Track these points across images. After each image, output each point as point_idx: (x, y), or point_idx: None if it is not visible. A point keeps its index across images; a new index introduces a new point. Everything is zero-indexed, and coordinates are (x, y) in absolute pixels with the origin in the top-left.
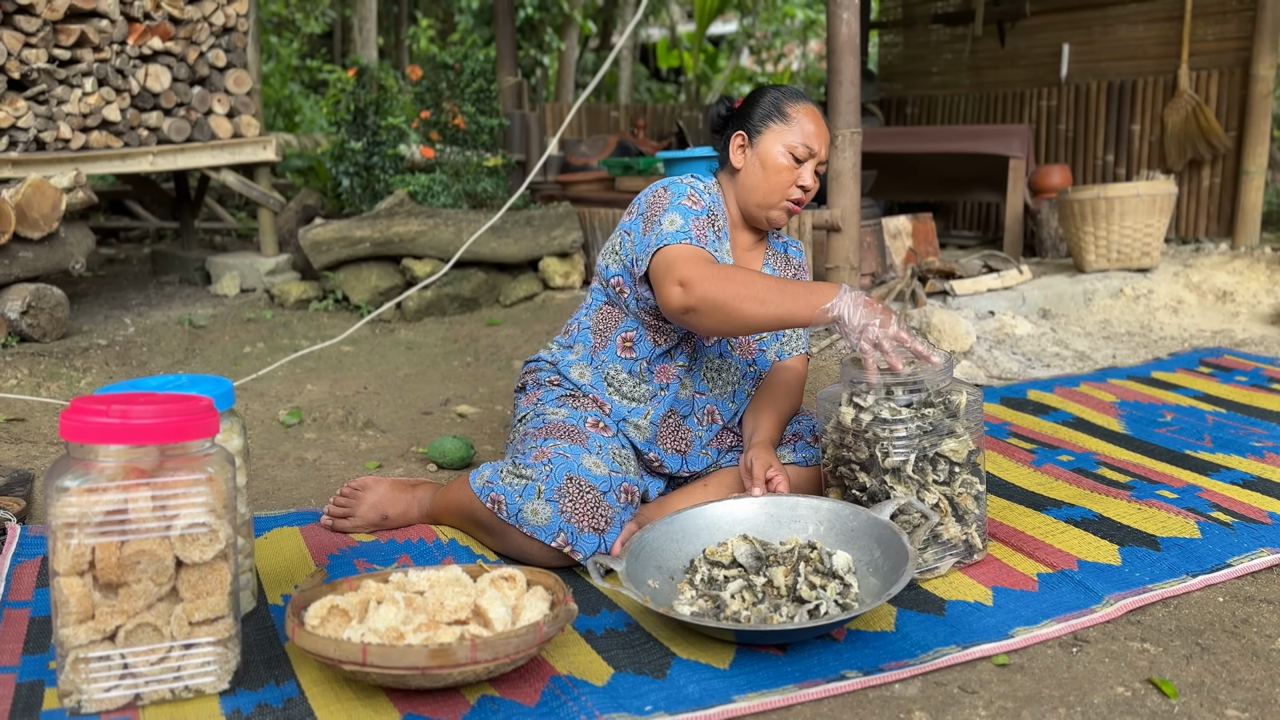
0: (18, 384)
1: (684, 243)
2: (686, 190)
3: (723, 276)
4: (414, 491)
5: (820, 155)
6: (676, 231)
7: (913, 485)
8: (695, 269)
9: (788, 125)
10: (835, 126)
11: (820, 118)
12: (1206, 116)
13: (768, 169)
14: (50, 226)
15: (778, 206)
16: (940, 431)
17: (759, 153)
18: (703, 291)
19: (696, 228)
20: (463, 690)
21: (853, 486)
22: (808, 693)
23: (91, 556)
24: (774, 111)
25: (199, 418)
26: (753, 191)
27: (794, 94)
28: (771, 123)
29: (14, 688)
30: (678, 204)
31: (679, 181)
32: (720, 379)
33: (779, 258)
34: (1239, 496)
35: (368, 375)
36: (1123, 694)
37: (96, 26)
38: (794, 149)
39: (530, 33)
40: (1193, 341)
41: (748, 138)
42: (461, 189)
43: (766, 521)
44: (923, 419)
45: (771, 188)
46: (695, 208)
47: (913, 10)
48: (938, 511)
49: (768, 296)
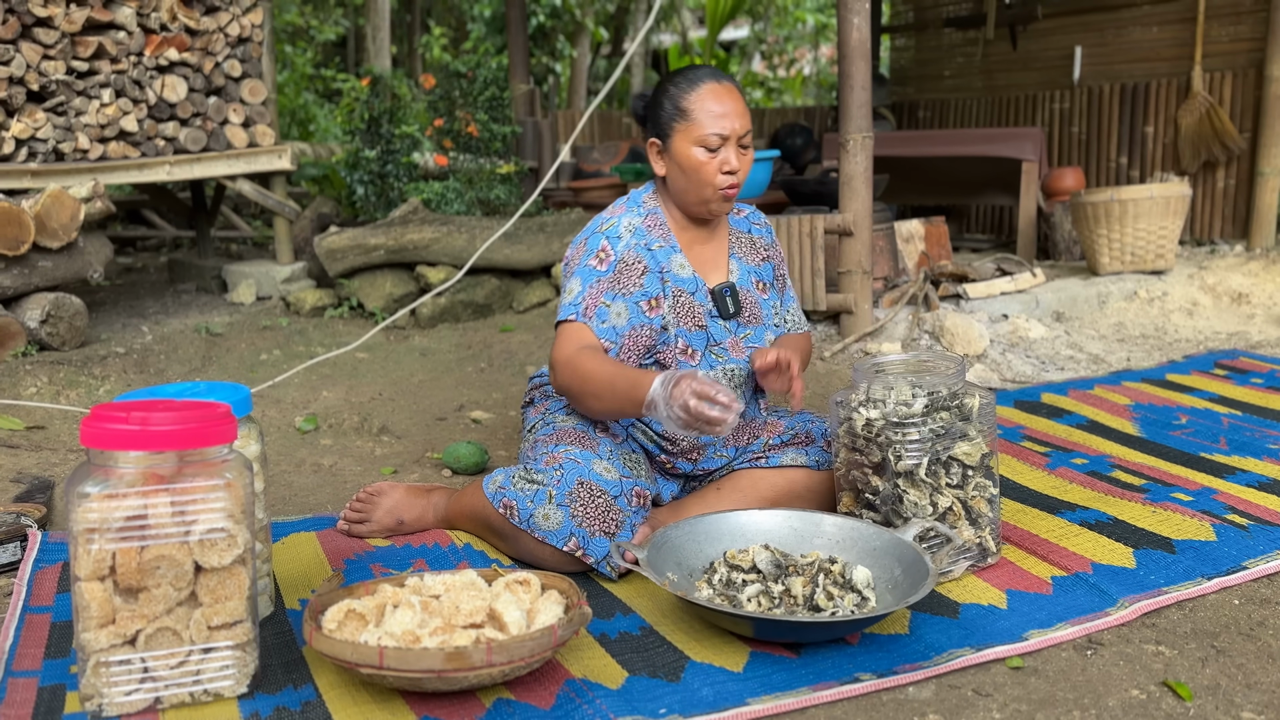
0: (37, 392)
1: (570, 320)
2: (600, 243)
3: (571, 371)
4: (429, 497)
5: (737, 132)
6: (569, 304)
7: (926, 489)
8: (561, 353)
9: (691, 121)
10: (847, 131)
11: (725, 92)
12: (1221, 118)
13: (687, 170)
14: (69, 236)
15: (712, 200)
16: (953, 435)
17: (674, 156)
18: (559, 380)
19: (590, 296)
20: (478, 693)
21: (865, 490)
22: (822, 695)
23: (112, 561)
24: (674, 112)
25: (217, 424)
26: (683, 193)
27: (690, 80)
28: (675, 124)
29: (36, 692)
30: (585, 265)
31: (598, 231)
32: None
33: (744, 241)
34: (1255, 499)
35: (382, 381)
36: (1138, 697)
37: (114, 38)
38: (705, 141)
39: (542, 40)
40: (1208, 344)
41: (661, 143)
42: (475, 196)
43: (790, 534)
44: (936, 422)
45: (699, 185)
46: (600, 267)
47: (924, 14)
48: (951, 514)
49: (602, 393)
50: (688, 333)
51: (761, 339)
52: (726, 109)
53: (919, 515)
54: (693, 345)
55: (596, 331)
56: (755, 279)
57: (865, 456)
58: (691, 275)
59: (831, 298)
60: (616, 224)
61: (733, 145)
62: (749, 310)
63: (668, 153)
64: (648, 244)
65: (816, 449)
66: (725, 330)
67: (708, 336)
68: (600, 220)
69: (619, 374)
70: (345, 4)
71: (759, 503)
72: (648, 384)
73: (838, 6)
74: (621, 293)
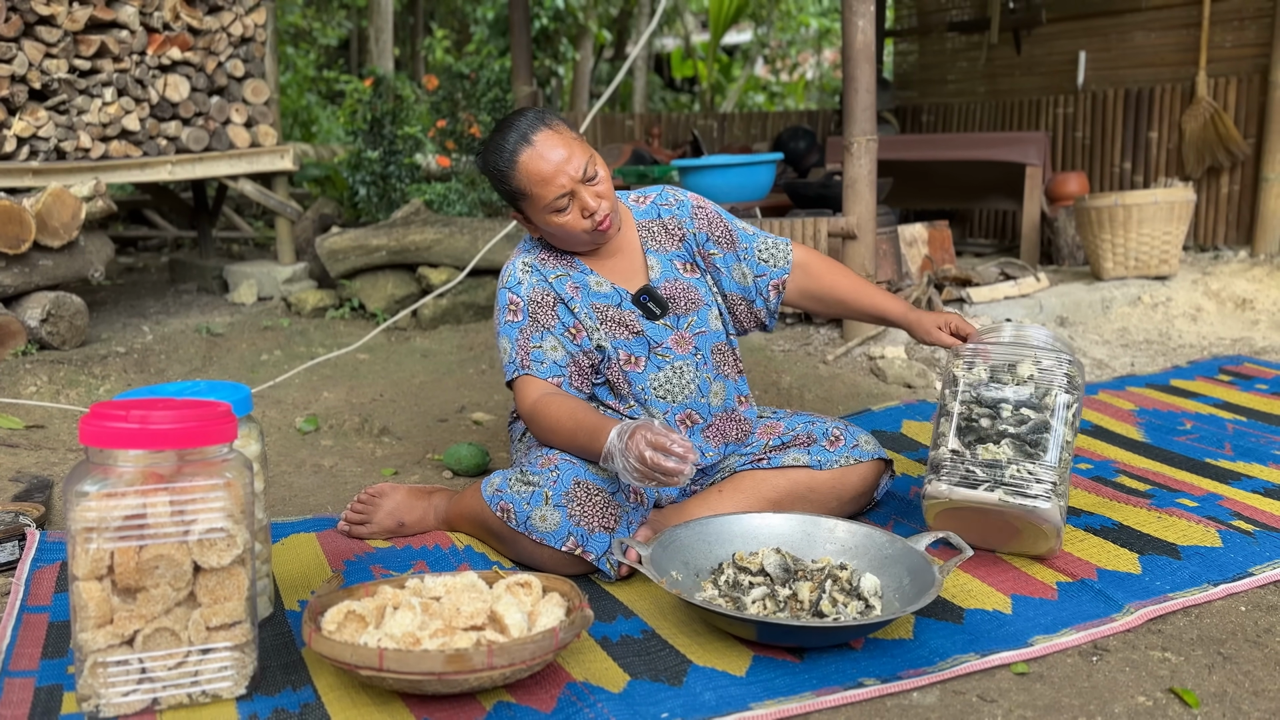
0: (37, 391)
1: (517, 377)
2: (507, 298)
3: (537, 428)
4: (430, 498)
5: (575, 178)
6: (507, 364)
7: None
8: (524, 409)
9: (530, 197)
10: (851, 134)
11: (544, 144)
12: (1225, 123)
13: (552, 228)
14: (70, 235)
15: (590, 241)
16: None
17: (538, 225)
18: (533, 432)
19: (520, 348)
20: (479, 696)
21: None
22: (825, 700)
23: (110, 561)
24: (512, 193)
25: (217, 423)
26: (563, 243)
27: (508, 155)
28: (520, 202)
29: (33, 692)
30: (504, 322)
31: (502, 287)
32: (675, 386)
33: (655, 229)
34: (1261, 505)
35: (384, 383)
36: (1144, 703)
37: (116, 37)
38: (554, 206)
39: (545, 43)
40: (1212, 349)
41: (519, 213)
42: (477, 197)
43: (802, 539)
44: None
45: (570, 235)
46: (516, 318)
47: (928, 18)
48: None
49: (568, 446)
50: (626, 342)
51: (705, 321)
52: (554, 164)
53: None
54: (634, 353)
55: (540, 374)
56: (680, 263)
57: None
58: (612, 288)
59: None
60: (513, 272)
61: (581, 189)
62: (681, 300)
63: (530, 221)
64: (544, 276)
65: (819, 448)
66: (664, 328)
67: (647, 341)
68: (503, 274)
69: (579, 427)
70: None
71: (761, 503)
72: (605, 435)
73: (842, 10)
74: (545, 328)
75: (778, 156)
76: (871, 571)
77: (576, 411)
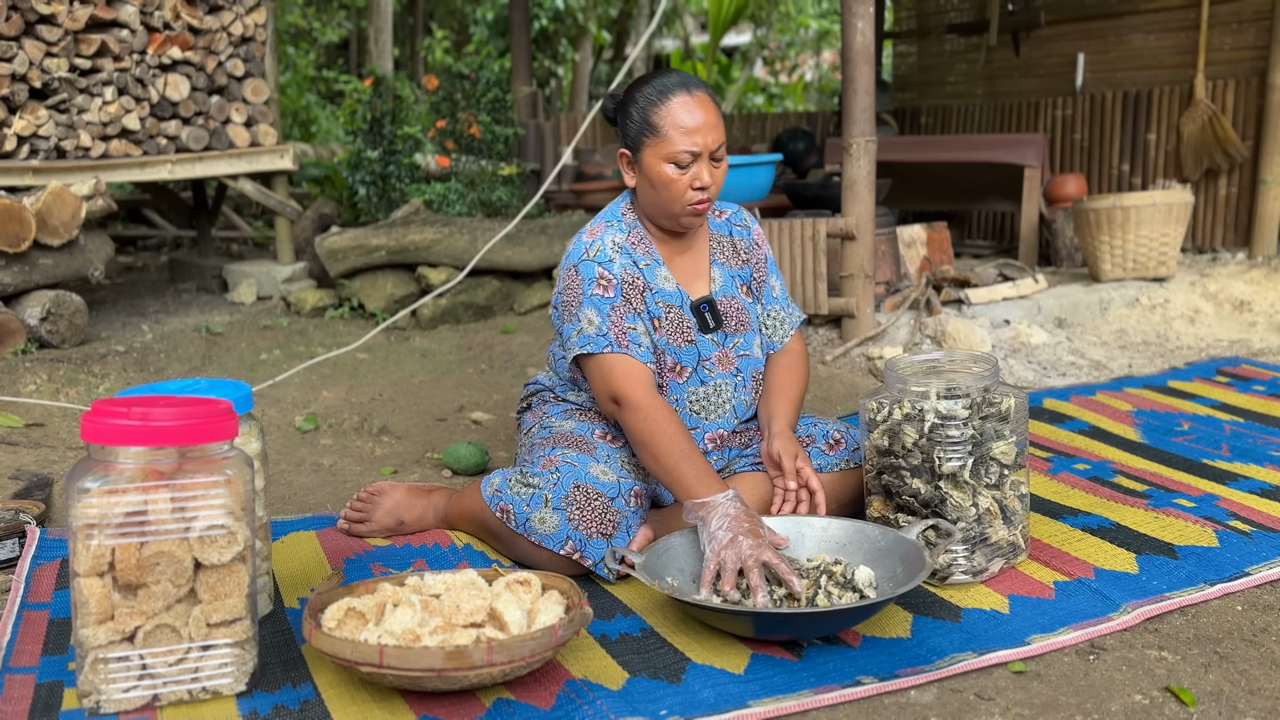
0: (37, 389)
1: (607, 352)
2: (595, 273)
3: (642, 419)
4: (429, 497)
5: (709, 147)
6: (598, 336)
7: (969, 490)
8: (630, 393)
9: (661, 137)
10: (850, 135)
11: (696, 105)
12: (1223, 125)
13: (657, 185)
14: (70, 234)
15: (682, 215)
16: (989, 435)
17: (644, 171)
18: (627, 422)
19: (614, 324)
20: (478, 693)
21: (902, 493)
22: (823, 698)
23: (111, 557)
24: (644, 126)
25: (218, 420)
26: (652, 207)
27: (659, 91)
28: (645, 139)
29: (34, 688)
30: (590, 295)
31: (587, 258)
32: (712, 403)
33: (725, 244)
34: (1257, 505)
35: (383, 382)
36: (1140, 702)
37: (117, 36)
38: (676, 158)
39: (545, 43)
40: (1210, 351)
41: (631, 155)
42: (476, 198)
43: (795, 537)
44: (979, 422)
45: (667, 200)
46: (607, 294)
47: (927, 20)
48: (989, 515)
49: (665, 461)
50: (677, 350)
51: (750, 345)
52: (698, 123)
53: (963, 518)
54: (682, 362)
55: (638, 357)
56: (740, 283)
57: (904, 459)
58: (676, 289)
59: (833, 301)
60: (603, 246)
61: (704, 160)
62: (734, 319)
63: (638, 165)
64: (635, 260)
65: (817, 451)
66: (712, 344)
67: (697, 353)
68: (583, 246)
69: (685, 458)
70: (348, 6)
71: (759, 505)
72: (711, 491)
73: (841, 11)
74: (635, 312)
75: (777, 157)
76: (866, 564)
77: (688, 441)
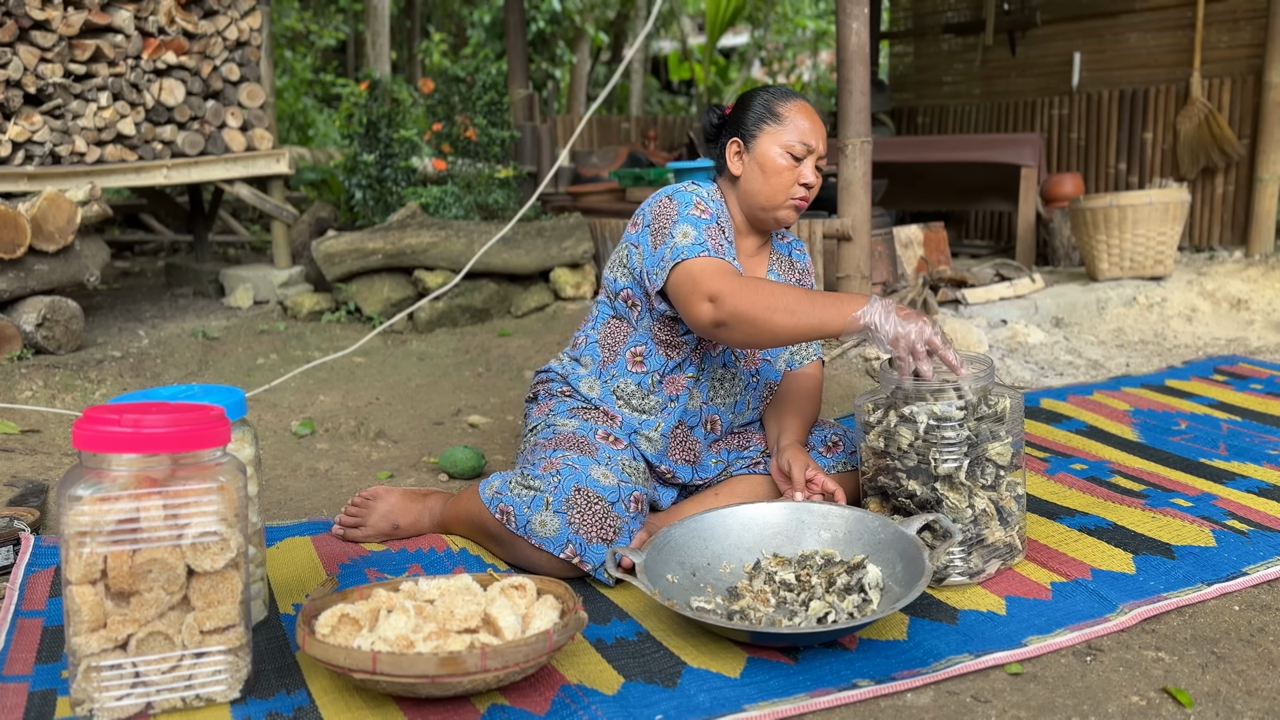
0: (32, 395)
1: (703, 255)
2: (692, 199)
3: (752, 289)
4: (425, 501)
5: (819, 150)
6: (692, 244)
7: (964, 492)
8: (724, 283)
9: (782, 125)
10: (846, 136)
11: (813, 113)
12: (1219, 124)
13: (768, 171)
14: (65, 239)
15: (783, 206)
16: (986, 436)
17: (756, 156)
18: (734, 306)
19: (711, 237)
20: (473, 699)
21: (898, 494)
22: (819, 701)
23: (104, 565)
24: (766, 113)
25: (211, 427)
26: (755, 195)
27: (784, 93)
28: (765, 125)
29: (26, 696)
30: (687, 214)
31: (683, 189)
32: (725, 389)
33: (783, 261)
34: (1255, 505)
35: (379, 386)
36: (1137, 703)
37: (111, 41)
38: (791, 148)
39: (542, 46)
40: (1207, 349)
41: (743, 143)
42: (473, 201)
43: (795, 526)
44: (975, 423)
45: (774, 189)
46: (704, 216)
47: (923, 20)
48: (985, 516)
49: (798, 308)
50: None
51: (776, 355)
52: (816, 126)
53: (959, 519)
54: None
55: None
56: None
57: (899, 461)
58: None
59: None
60: (699, 192)
61: (812, 161)
62: None
63: (749, 152)
64: (721, 226)
65: (815, 455)
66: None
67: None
68: (677, 186)
69: (813, 296)
70: (345, 9)
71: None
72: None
73: (837, 12)
74: (729, 242)
75: None
76: (869, 559)
77: (798, 288)
